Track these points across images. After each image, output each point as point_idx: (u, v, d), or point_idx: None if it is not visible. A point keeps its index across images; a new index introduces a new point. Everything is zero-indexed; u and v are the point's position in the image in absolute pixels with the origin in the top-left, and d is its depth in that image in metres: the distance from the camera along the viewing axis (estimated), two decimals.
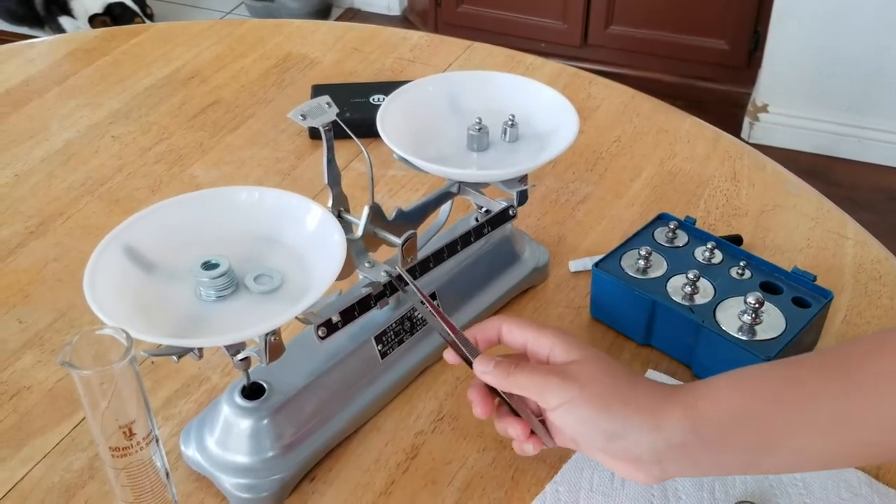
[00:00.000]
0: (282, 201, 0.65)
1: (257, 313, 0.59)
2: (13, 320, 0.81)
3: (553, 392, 0.56)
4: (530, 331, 0.61)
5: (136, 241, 0.62)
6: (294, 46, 1.22)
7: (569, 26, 2.68)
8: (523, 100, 0.78)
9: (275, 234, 0.64)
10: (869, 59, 2.21)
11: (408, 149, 0.72)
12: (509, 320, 0.62)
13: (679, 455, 0.54)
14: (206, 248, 0.62)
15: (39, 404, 0.73)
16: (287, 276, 0.62)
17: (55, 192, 0.96)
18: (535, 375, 0.57)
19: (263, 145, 1.04)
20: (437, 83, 0.80)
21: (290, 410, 0.66)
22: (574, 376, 0.56)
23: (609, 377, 0.56)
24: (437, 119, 0.78)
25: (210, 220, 0.65)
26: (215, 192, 0.66)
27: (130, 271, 0.61)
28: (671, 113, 1.08)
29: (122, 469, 0.52)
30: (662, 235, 0.80)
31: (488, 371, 0.59)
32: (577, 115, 0.75)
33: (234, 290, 0.61)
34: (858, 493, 0.65)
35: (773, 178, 0.97)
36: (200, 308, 0.60)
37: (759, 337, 0.70)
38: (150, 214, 0.63)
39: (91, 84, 1.15)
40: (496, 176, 0.74)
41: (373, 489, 0.66)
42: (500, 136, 0.77)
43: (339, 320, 0.65)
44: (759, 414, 0.53)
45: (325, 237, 0.62)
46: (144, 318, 0.57)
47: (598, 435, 0.55)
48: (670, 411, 0.54)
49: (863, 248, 0.87)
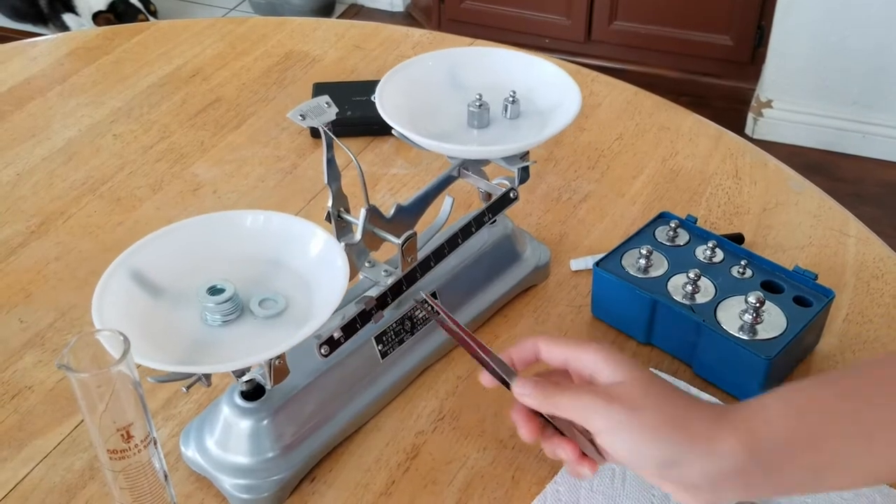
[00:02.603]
0: (287, 225, 0.65)
1: (262, 338, 0.60)
2: (14, 320, 0.81)
3: (598, 416, 0.53)
4: (571, 349, 0.58)
5: (143, 265, 0.62)
6: (296, 44, 1.22)
7: (572, 22, 2.68)
8: (524, 76, 0.78)
9: (280, 257, 0.64)
10: (873, 53, 2.21)
11: (407, 125, 0.71)
12: (547, 338, 0.59)
13: (735, 481, 0.52)
14: (211, 271, 0.62)
15: (40, 404, 0.73)
16: (291, 299, 0.62)
17: (56, 191, 0.96)
18: (577, 397, 0.54)
19: (265, 144, 1.03)
20: (438, 59, 0.79)
21: (290, 411, 0.66)
22: (621, 399, 0.53)
23: (658, 400, 0.53)
24: (438, 95, 0.77)
25: (216, 243, 0.65)
26: (221, 216, 0.66)
27: (138, 296, 0.61)
28: (673, 110, 1.07)
29: (120, 471, 0.52)
30: (663, 234, 0.80)
31: (527, 393, 0.56)
32: (579, 91, 0.74)
33: (239, 314, 0.61)
34: (860, 492, 0.65)
35: (775, 175, 0.96)
36: (206, 333, 0.60)
37: (761, 336, 0.70)
38: (157, 238, 0.63)
39: (93, 83, 1.15)
40: (498, 152, 0.73)
41: (373, 489, 0.66)
42: (501, 112, 0.76)
43: (342, 335, 0.66)
44: (815, 432, 0.51)
45: (328, 262, 0.62)
46: (151, 344, 0.57)
47: (648, 461, 0.53)
48: (725, 437, 0.51)
49: (865, 246, 0.86)
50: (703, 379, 0.73)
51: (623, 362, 0.56)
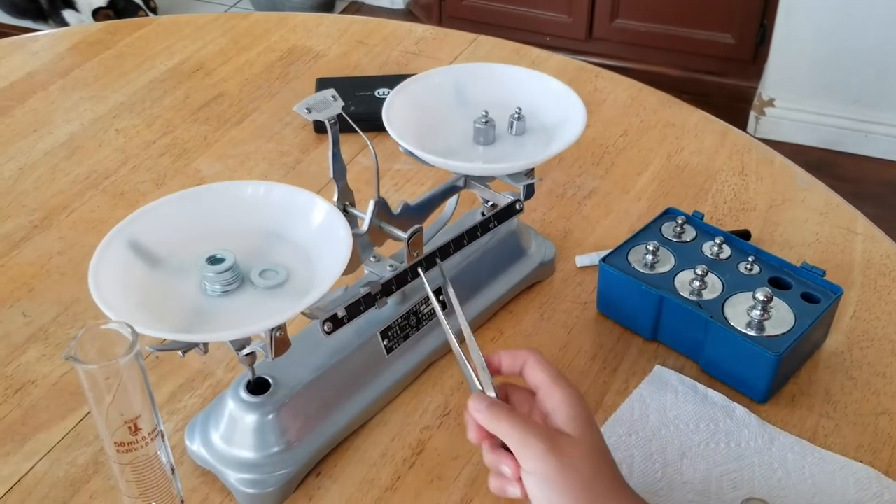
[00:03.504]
0: (288, 196, 0.65)
1: (263, 308, 0.59)
2: (18, 314, 0.80)
3: (533, 458, 0.54)
4: (549, 380, 0.58)
5: (141, 235, 0.61)
6: (299, 39, 1.22)
7: (574, 20, 2.67)
8: (530, 92, 0.78)
9: (280, 229, 0.64)
10: (876, 52, 2.20)
11: (413, 142, 0.71)
12: (535, 359, 0.59)
13: None
14: (211, 242, 0.61)
15: (44, 398, 0.73)
16: (293, 271, 0.61)
17: (59, 186, 0.96)
18: (524, 433, 0.55)
19: (268, 139, 1.03)
20: (444, 75, 0.79)
21: (296, 405, 0.65)
22: (560, 451, 0.54)
23: (592, 470, 0.54)
24: (444, 112, 0.77)
25: (216, 214, 0.64)
26: (221, 186, 0.66)
27: (135, 266, 0.60)
28: (678, 107, 1.07)
29: (127, 464, 0.52)
30: (670, 230, 0.79)
31: (479, 409, 0.57)
32: (584, 108, 0.74)
33: (239, 284, 0.60)
34: (868, 489, 0.65)
35: (782, 172, 0.96)
36: (205, 303, 0.59)
37: (768, 333, 0.70)
38: (155, 208, 0.63)
39: (95, 77, 1.14)
40: (503, 170, 0.74)
41: (378, 484, 0.66)
42: (506, 128, 0.76)
43: (345, 315, 0.65)
44: None
45: (330, 232, 0.62)
46: (149, 313, 0.57)
47: None
48: None
49: (872, 244, 0.86)
50: (711, 375, 0.73)
51: (582, 418, 0.56)
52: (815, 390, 0.72)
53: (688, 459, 0.67)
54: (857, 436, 0.69)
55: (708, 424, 0.69)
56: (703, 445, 0.68)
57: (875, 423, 0.70)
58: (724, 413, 0.70)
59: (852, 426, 0.70)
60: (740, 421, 0.69)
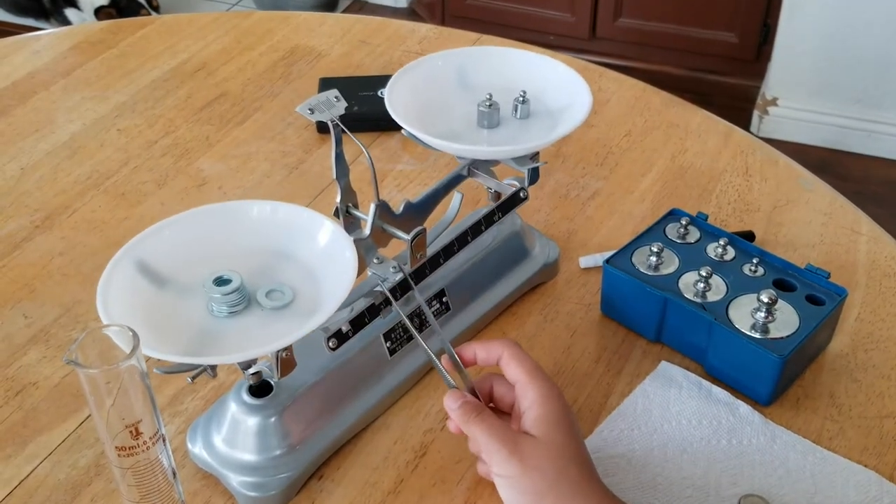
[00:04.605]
0: (294, 216, 0.64)
1: (269, 330, 0.59)
2: (19, 315, 0.80)
3: (498, 461, 0.56)
4: (524, 375, 0.59)
5: (149, 255, 0.61)
6: (301, 39, 1.21)
7: (577, 19, 2.67)
8: (534, 76, 0.77)
9: (287, 248, 0.64)
10: (879, 51, 2.20)
11: (416, 125, 0.70)
12: (510, 353, 0.60)
13: None
14: (217, 262, 0.61)
15: (45, 400, 0.73)
16: (299, 291, 0.61)
17: (61, 186, 0.96)
18: (490, 435, 0.57)
19: (270, 139, 1.03)
20: (447, 58, 0.78)
21: (298, 408, 0.65)
22: (523, 454, 0.56)
23: (556, 472, 0.55)
24: (447, 95, 0.76)
25: (222, 233, 0.64)
26: (227, 206, 0.65)
27: (142, 286, 0.60)
28: (682, 107, 1.07)
29: (128, 468, 0.51)
30: (674, 231, 0.79)
31: (452, 408, 0.59)
32: (589, 91, 0.73)
33: (245, 305, 0.60)
34: (868, 492, 0.64)
35: (786, 172, 0.95)
36: (212, 324, 0.59)
37: (773, 335, 0.69)
38: (162, 229, 0.63)
39: (97, 77, 1.14)
40: (507, 153, 0.73)
41: (381, 488, 0.66)
42: (510, 112, 0.75)
43: (350, 329, 0.65)
44: None
45: (336, 253, 0.61)
46: (156, 335, 0.56)
47: None
48: None
49: (876, 245, 0.86)
50: (714, 378, 0.73)
51: (553, 418, 0.57)
52: (820, 393, 0.72)
53: (689, 455, 0.67)
54: (862, 438, 0.68)
55: (711, 421, 0.69)
56: (705, 441, 0.68)
57: (880, 426, 0.69)
58: (727, 410, 0.70)
59: (857, 429, 0.69)
60: (743, 418, 0.69)
